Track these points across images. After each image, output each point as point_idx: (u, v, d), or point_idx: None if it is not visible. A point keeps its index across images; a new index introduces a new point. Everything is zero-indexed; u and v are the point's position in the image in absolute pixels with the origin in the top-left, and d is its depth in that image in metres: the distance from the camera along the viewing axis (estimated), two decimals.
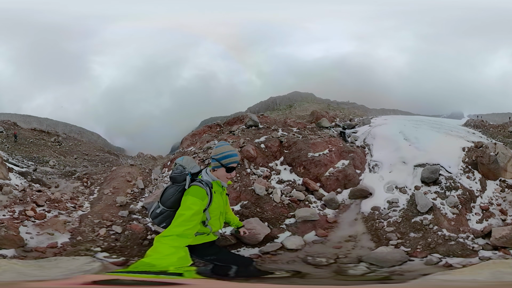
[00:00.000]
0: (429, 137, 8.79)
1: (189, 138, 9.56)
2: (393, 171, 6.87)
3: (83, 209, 4.86)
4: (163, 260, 2.08)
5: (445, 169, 6.52)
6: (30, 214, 4.42)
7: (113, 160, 20.00)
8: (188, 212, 2.32)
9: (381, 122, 11.65)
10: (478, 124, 12.29)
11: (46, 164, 15.45)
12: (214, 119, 61.65)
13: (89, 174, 8.04)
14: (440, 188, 5.97)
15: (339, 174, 6.59)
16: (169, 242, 2.18)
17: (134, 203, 4.78)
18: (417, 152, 7.30)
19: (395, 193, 6.15)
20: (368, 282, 3.32)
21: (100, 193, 5.52)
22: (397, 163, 7.07)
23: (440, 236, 4.70)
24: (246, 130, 7.46)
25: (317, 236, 4.94)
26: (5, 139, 22.41)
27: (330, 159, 6.92)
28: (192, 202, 2.37)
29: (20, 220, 4.21)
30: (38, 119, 61.18)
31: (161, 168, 7.34)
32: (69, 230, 4.06)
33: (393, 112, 34.60)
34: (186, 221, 2.29)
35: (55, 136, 27.72)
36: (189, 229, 2.29)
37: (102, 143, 54.54)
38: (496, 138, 9.90)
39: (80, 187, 6.58)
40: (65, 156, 20.71)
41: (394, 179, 6.52)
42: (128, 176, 5.93)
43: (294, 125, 9.13)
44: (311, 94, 65.51)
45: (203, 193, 2.45)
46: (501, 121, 16.05)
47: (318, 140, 7.45)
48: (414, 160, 6.94)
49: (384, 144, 8.21)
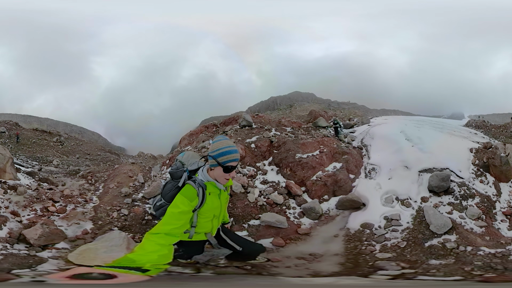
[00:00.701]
0: (433, 137, 8.15)
1: (187, 137, 10.03)
2: (393, 178, 6.02)
3: (93, 202, 5.44)
4: (144, 256, 2.15)
5: (456, 173, 5.74)
6: (52, 209, 4.89)
7: (114, 159, 20.57)
8: (176, 210, 2.32)
9: (381, 122, 11.40)
10: (479, 125, 12.29)
11: (50, 164, 16.03)
12: (214, 119, 61.88)
13: (92, 173, 8.59)
14: (454, 198, 5.16)
15: (328, 179, 5.98)
16: (155, 240, 2.22)
17: (135, 194, 5.39)
18: (421, 154, 6.53)
19: (396, 206, 5.18)
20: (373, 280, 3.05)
21: (105, 188, 6.05)
22: (398, 167, 6.21)
23: (484, 256, 3.74)
24: (239, 130, 7.80)
25: (272, 244, 4.38)
26: (8, 139, 22.76)
27: (320, 161, 6.44)
28: (180, 201, 2.35)
29: (46, 216, 4.66)
30: (39, 119, 61.77)
31: (160, 166, 7.86)
32: (89, 218, 4.72)
33: (394, 112, 34.84)
34: (174, 220, 2.30)
35: (57, 136, 28.34)
36: (177, 228, 2.30)
37: (102, 142, 55.28)
38: (498, 138, 9.67)
39: (85, 184, 7.06)
40: (68, 156, 21.25)
41: (394, 188, 5.64)
42: (130, 173, 6.49)
43: (289, 124, 9.28)
44: (311, 94, 65.95)
45: (193, 194, 2.39)
46: (501, 121, 16.06)
47: (309, 140, 7.10)
48: (418, 164, 6.12)
49: (384, 145, 7.51)
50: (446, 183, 5.30)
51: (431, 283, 3.11)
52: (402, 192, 5.50)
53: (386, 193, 5.54)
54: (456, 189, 5.29)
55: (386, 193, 5.55)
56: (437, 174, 5.45)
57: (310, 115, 16.58)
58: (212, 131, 9.71)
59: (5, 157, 6.04)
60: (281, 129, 8.38)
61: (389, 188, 5.66)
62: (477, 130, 11.01)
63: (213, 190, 2.49)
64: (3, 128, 25.47)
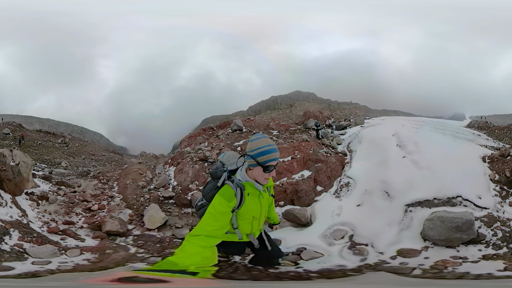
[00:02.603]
0: (433, 141, 6.64)
1: (187, 139, 11.47)
2: (363, 205, 4.53)
3: (117, 196, 6.75)
4: (186, 259, 2.11)
5: (474, 203, 3.95)
6: (95, 208, 5.78)
7: (118, 160, 21.69)
8: (214, 211, 2.31)
9: (377, 123, 10.65)
10: (482, 126, 11.83)
11: (59, 166, 16.51)
12: (215, 118, 63.38)
13: (102, 173, 9.96)
14: (485, 245, 3.29)
15: (289, 187, 5.79)
16: (196, 242, 2.20)
17: (149, 186, 7.00)
18: (415, 171, 4.76)
19: (334, 248, 3.79)
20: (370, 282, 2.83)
21: (122, 185, 7.43)
22: (375, 190, 4.66)
23: None
24: (230, 134, 9.16)
25: None
26: (12, 141, 22.99)
27: (289, 168, 6.32)
28: (218, 201, 2.34)
29: (93, 214, 5.57)
30: (40, 120, 63.08)
31: (163, 165, 9.33)
32: (125, 207, 6.05)
33: (395, 113, 35.47)
34: (213, 221, 2.28)
35: (61, 137, 29.29)
36: (217, 229, 2.28)
37: (105, 142, 56.87)
38: (502, 140, 9.24)
39: (99, 184, 7.94)
40: (74, 157, 22.05)
41: (355, 221, 4.18)
42: (139, 171, 7.94)
43: (276, 127, 10.29)
44: (312, 93, 66.82)
45: (231, 194, 2.37)
46: (503, 122, 15.79)
47: (284, 146, 7.16)
48: (407, 190, 4.29)
49: (369, 152, 6.38)
50: (468, 233, 3.19)
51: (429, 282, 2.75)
52: (364, 232, 3.86)
53: (337, 225, 4.16)
54: (486, 232, 3.37)
55: (341, 224, 4.16)
56: (446, 218, 3.29)
57: (304, 116, 17.54)
58: (208, 134, 11.11)
59: (28, 165, 5.93)
60: (268, 132, 9.68)
61: (348, 220, 4.27)
62: (480, 132, 10.42)
63: (252, 191, 2.47)
64: (7, 130, 25.74)
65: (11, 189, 5.40)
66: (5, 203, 4.92)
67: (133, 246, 4.52)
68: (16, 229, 4.31)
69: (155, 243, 4.60)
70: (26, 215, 4.97)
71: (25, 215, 4.96)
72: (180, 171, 7.49)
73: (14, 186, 5.50)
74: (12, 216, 4.69)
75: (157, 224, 5.20)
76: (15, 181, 5.55)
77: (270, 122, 12.05)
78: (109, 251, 4.26)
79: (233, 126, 9.60)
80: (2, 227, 4.17)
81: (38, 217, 5.10)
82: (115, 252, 4.21)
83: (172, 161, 8.95)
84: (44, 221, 5.04)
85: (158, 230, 5.12)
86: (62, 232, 4.75)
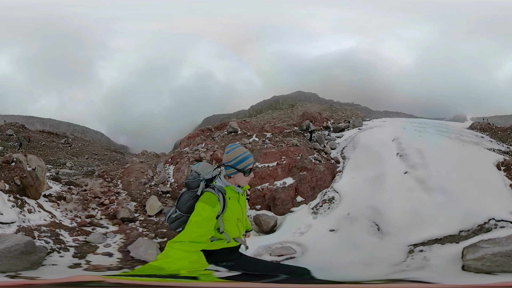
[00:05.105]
0: (440, 148, 5.85)
1: (186, 140, 12.39)
2: (337, 232, 3.72)
3: (123, 192, 7.92)
4: (173, 263, 2.11)
5: (510, 221, 3.50)
6: (106, 202, 7.07)
7: (120, 159, 22.63)
8: (198, 218, 2.35)
9: (376, 125, 10.39)
10: (484, 127, 11.87)
11: (64, 166, 17.35)
12: (216, 117, 64.06)
13: (106, 172, 10.87)
14: None
15: (268, 193, 5.82)
16: (180, 247, 2.22)
17: (150, 182, 8.11)
18: (424, 196, 3.89)
19: None
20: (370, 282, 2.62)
21: (126, 182, 8.51)
22: (359, 217, 3.85)
23: None
24: (225, 136, 9.93)
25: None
26: (16, 142, 23.49)
27: (273, 174, 6.24)
28: (202, 208, 2.40)
29: (106, 208, 6.80)
30: (41, 120, 63.95)
31: (163, 164, 10.26)
32: (130, 200, 7.34)
33: (396, 114, 35.52)
34: (197, 227, 2.32)
35: (64, 137, 30.31)
36: (201, 235, 2.32)
37: (106, 141, 57.78)
38: (506, 141, 9.33)
39: (104, 182, 8.77)
40: (77, 157, 22.92)
41: (303, 251, 3.51)
42: (141, 169, 8.93)
43: (271, 130, 10.63)
44: (314, 94, 67.38)
45: (215, 200, 2.45)
46: (504, 123, 16.03)
47: (272, 150, 7.17)
48: (413, 226, 3.48)
49: (363, 161, 5.68)
50: None
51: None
52: (317, 261, 3.28)
53: (288, 243, 3.48)
54: None
55: (295, 244, 3.45)
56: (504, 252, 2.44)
57: (302, 117, 18.01)
58: (206, 134, 12.01)
59: (43, 168, 6.29)
60: (261, 135, 10.26)
61: (304, 242, 3.45)
62: (483, 133, 10.26)
63: (232, 195, 2.59)
64: (10, 131, 26.56)
65: (33, 194, 5.85)
66: (33, 209, 5.42)
67: (140, 227, 6.20)
68: (58, 228, 4.96)
69: (153, 224, 6.36)
70: (54, 216, 5.61)
71: (53, 215, 5.62)
72: (178, 170, 8.45)
73: (35, 191, 5.95)
74: (45, 219, 5.20)
75: (155, 211, 6.84)
76: (35, 186, 5.99)
77: (265, 124, 12.49)
78: (128, 231, 5.83)
79: (229, 129, 10.35)
80: (49, 230, 4.70)
81: (63, 215, 5.92)
82: (132, 232, 5.79)
83: (172, 160, 9.84)
84: (69, 218, 5.90)
85: (156, 216, 6.83)
86: (90, 224, 5.85)
